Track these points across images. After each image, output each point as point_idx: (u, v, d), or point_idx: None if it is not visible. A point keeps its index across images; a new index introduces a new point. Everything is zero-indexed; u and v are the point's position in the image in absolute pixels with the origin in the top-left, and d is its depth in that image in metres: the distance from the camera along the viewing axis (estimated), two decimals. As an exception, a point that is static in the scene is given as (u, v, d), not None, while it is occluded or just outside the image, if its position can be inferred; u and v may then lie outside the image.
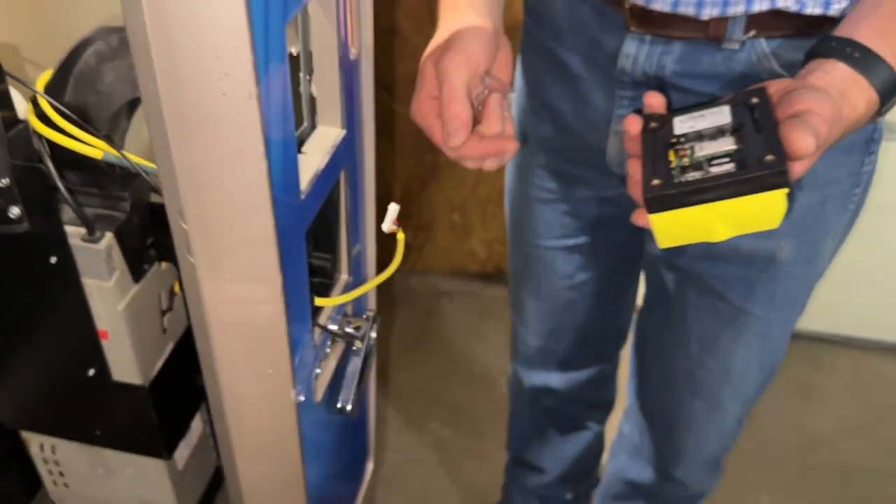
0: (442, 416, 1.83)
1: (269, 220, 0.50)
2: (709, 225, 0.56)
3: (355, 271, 0.75)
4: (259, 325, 0.55)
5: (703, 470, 1.08)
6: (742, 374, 0.89)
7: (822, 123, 0.55)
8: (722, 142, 0.57)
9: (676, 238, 0.57)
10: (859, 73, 0.58)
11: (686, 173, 0.55)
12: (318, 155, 0.61)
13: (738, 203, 0.54)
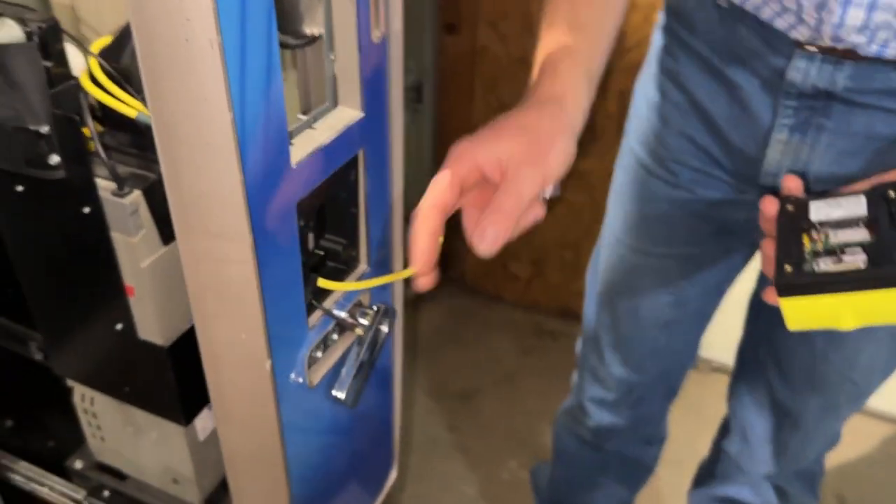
0: (523, 455, 1.79)
1: (237, 177, 0.50)
2: (837, 313, 0.57)
3: (376, 263, 0.74)
4: (231, 286, 0.56)
5: (795, 478, 1.06)
6: (865, 372, 0.89)
7: None
8: (856, 232, 0.59)
9: (804, 322, 0.59)
10: None
11: (818, 258, 0.58)
12: (326, 132, 0.61)
13: (866, 296, 0.55)
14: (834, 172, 0.78)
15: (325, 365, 0.70)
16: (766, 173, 0.81)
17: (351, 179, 0.67)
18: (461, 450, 1.80)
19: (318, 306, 0.67)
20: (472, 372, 1.97)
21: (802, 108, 0.75)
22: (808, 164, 0.78)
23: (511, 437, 1.82)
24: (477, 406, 1.90)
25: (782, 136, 0.77)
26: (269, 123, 0.52)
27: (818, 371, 0.91)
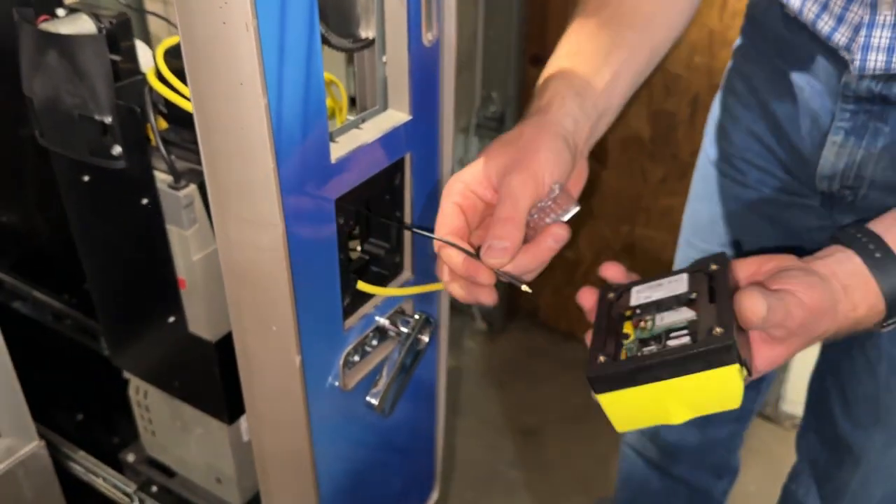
0: (585, 500, 1.72)
1: (270, 163, 0.50)
2: (663, 405, 0.52)
3: (421, 272, 0.73)
4: (262, 274, 0.56)
5: None
6: None
7: (797, 308, 0.52)
8: (680, 312, 0.54)
9: (629, 421, 0.54)
10: (871, 273, 0.55)
11: (645, 347, 0.52)
12: (371, 132, 0.61)
13: (687, 381, 0.50)
14: (889, 179, 0.76)
15: (362, 370, 0.69)
16: (822, 176, 0.80)
17: (396, 184, 0.67)
18: (522, 488, 1.75)
19: (357, 309, 0.67)
20: (539, 408, 1.92)
21: (860, 111, 0.74)
22: (863, 168, 0.77)
23: (574, 479, 1.76)
24: (541, 444, 1.85)
25: (838, 138, 0.76)
26: (308, 114, 0.52)
27: (882, 402, 0.88)
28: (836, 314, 0.54)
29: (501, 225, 0.56)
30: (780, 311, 0.52)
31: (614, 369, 0.51)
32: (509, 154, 0.59)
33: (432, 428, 0.86)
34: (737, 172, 0.90)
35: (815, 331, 0.53)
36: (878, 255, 0.56)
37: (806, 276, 0.54)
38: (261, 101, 0.48)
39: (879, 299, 0.55)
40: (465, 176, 0.60)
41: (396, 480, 0.86)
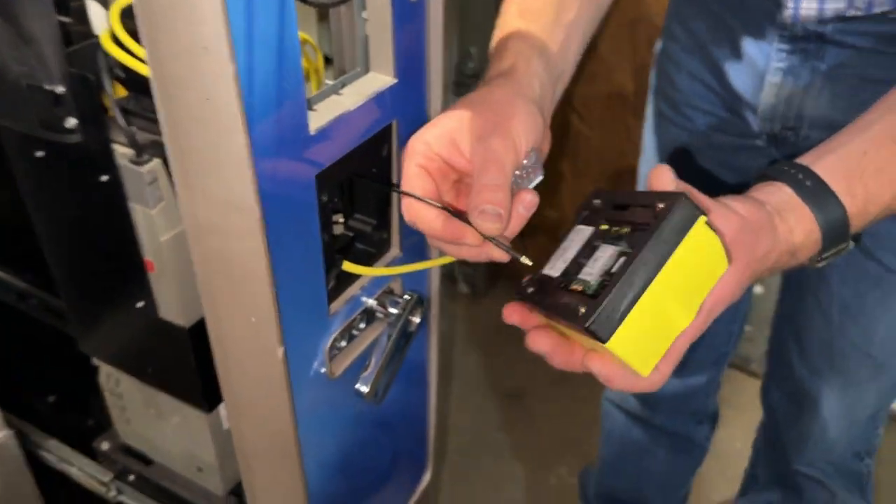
0: (574, 462, 1.71)
1: (241, 138, 0.45)
2: (666, 315, 0.47)
3: (410, 249, 0.68)
4: (238, 262, 0.50)
5: (833, 471, 1.01)
6: (885, 345, 0.86)
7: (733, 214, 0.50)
8: (604, 249, 0.51)
9: (649, 353, 0.48)
10: (804, 202, 0.53)
11: (602, 292, 0.47)
12: (353, 97, 0.55)
13: (670, 268, 0.46)
14: (829, 117, 0.76)
15: (349, 356, 0.65)
16: (763, 118, 0.80)
17: (383, 154, 0.61)
18: (509, 451, 1.73)
19: (342, 292, 0.62)
20: (524, 371, 1.90)
21: (795, 50, 0.75)
22: (802, 108, 0.77)
23: (563, 442, 1.74)
24: (530, 407, 1.83)
25: (776, 79, 0.77)
26: (283, 82, 0.46)
27: (836, 345, 0.89)
28: (774, 233, 0.52)
29: (491, 191, 0.51)
30: (703, 198, 0.49)
31: (600, 308, 0.46)
32: (484, 118, 0.54)
33: (424, 409, 0.82)
34: (684, 119, 0.89)
35: (757, 248, 0.50)
36: (809, 183, 0.54)
37: (735, 196, 0.53)
38: (229, 67, 0.42)
39: (815, 227, 0.54)
40: (428, 137, 0.54)
41: (387, 463, 0.82)
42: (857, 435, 0.98)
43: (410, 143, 0.54)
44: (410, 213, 0.53)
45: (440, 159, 0.54)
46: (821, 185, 0.54)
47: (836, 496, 1.03)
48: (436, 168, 0.54)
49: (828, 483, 1.02)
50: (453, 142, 0.54)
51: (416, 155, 0.54)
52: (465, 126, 0.53)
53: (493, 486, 1.66)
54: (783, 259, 0.54)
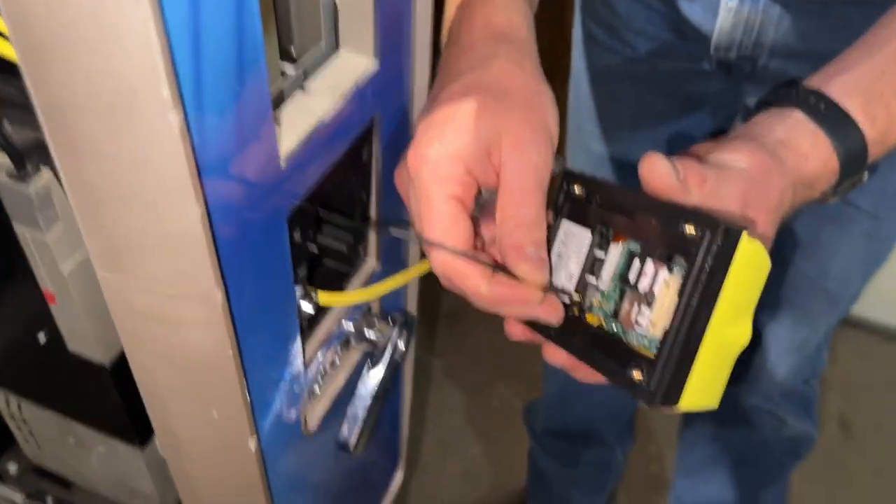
0: (513, 382, 1.67)
1: (195, 210, 0.30)
2: (728, 342, 0.40)
3: (388, 258, 0.54)
4: (193, 354, 0.36)
5: (782, 399, 1.01)
6: (840, 278, 0.83)
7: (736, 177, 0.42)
8: (610, 252, 0.42)
9: (716, 387, 0.42)
10: (819, 128, 0.45)
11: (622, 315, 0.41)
12: (326, 97, 0.40)
13: (724, 299, 0.38)
14: (790, 45, 0.70)
15: (325, 401, 0.52)
16: (717, 46, 0.73)
17: (364, 158, 0.47)
18: (446, 377, 1.67)
19: (315, 330, 0.48)
20: (454, 292, 1.82)
21: None
22: (762, 35, 0.70)
23: (501, 364, 1.69)
24: (465, 330, 1.76)
25: (733, 3, 0.69)
26: (245, 108, 0.31)
27: (789, 281, 0.86)
28: (783, 166, 0.44)
29: (531, 228, 0.40)
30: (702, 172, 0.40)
31: (664, 371, 0.38)
32: (515, 116, 0.41)
33: (398, 415, 0.71)
34: (624, 46, 0.80)
35: (771, 197, 0.43)
36: (823, 107, 0.46)
37: (730, 142, 0.45)
38: (170, 115, 0.27)
39: (832, 154, 0.46)
40: (459, 151, 0.39)
41: (359, 477, 0.71)
42: (807, 364, 0.98)
43: (434, 160, 0.39)
44: (446, 269, 0.40)
45: (475, 185, 0.40)
46: (836, 108, 0.46)
47: (784, 422, 1.03)
48: (470, 197, 0.40)
49: (776, 411, 1.02)
50: (489, 155, 0.40)
51: (449, 181, 0.39)
52: (501, 129, 0.40)
53: (432, 416, 1.60)
54: (801, 192, 0.47)
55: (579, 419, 1.23)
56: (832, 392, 1.56)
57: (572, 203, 0.44)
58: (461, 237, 0.39)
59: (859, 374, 1.67)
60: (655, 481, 1.43)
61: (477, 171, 0.40)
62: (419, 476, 1.47)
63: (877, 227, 0.78)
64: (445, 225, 0.39)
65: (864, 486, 1.46)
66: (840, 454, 1.50)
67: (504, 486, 1.44)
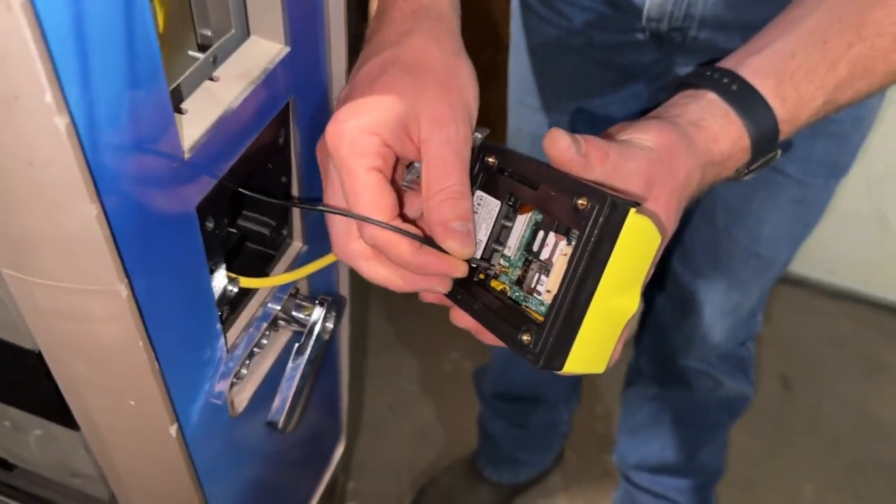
0: (466, 346, 1.69)
1: (90, 209, 0.30)
2: (614, 311, 0.42)
3: (314, 237, 0.55)
4: (104, 346, 0.37)
5: (718, 361, 1.02)
6: (771, 244, 0.85)
7: (639, 151, 0.42)
8: (516, 222, 0.44)
9: (602, 353, 0.43)
10: (731, 108, 0.47)
11: (525, 283, 0.42)
12: (234, 83, 0.40)
13: (611, 271, 0.40)
14: (719, 16, 0.70)
15: (252, 383, 0.53)
16: (649, 18, 0.72)
17: (280, 143, 0.47)
18: (399, 342, 1.68)
19: (239, 314, 0.49)
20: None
21: None
22: (692, 6, 0.70)
23: (453, 329, 1.70)
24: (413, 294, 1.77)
25: None
26: (139, 92, 0.31)
27: (721, 248, 0.87)
28: (692, 148, 0.46)
29: (456, 200, 0.41)
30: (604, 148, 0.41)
31: (549, 335, 0.40)
32: (434, 91, 0.42)
33: (336, 388, 0.72)
34: (559, 17, 0.80)
35: (677, 175, 0.45)
36: (735, 87, 0.47)
37: (642, 122, 0.46)
38: (55, 119, 0.26)
39: (743, 133, 0.47)
40: (375, 125, 0.40)
41: (297, 454, 0.73)
42: (741, 328, 1.00)
43: (350, 135, 0.40)
44: (375, 240, 0.41)
45: (392, 154, 0.41)
46: (748, 88, 0.48)
47: (721, 383, 1.06)
48: (389, 168, 0.41)
49: (713, 372, 1.05)
50: (406, 130, 0.41)
51: (368, 155, 0.40)
52: (418, 106, 0.41)
53: (384, 381, 1.61)
54: (710, 172, 0.48)
55: (525, 382, 1.25)
56: (772, 349, 1.61)
57: (486, 173, 0.45)
58: (387, 207, 0.40)
59: (799, 332, 1.72)
60: (602, 440, 1.47)
61: (395, 144, 0.41)
62: (371, 440, 1.49)
63: (804, 193, 0.79)
64: (370, 196, 0.40)
65: (804, 439, 1.51)
66: (780, 410, 1.55)
67: (455, 449, 1.47)
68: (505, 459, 1.33)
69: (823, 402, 1.56)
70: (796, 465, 1.45)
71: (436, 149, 0.41)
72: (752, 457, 1.45)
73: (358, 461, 1.43)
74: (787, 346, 1.70)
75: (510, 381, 1.26)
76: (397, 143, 0.41)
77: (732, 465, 1.29)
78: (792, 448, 1.48)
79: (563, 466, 1.44)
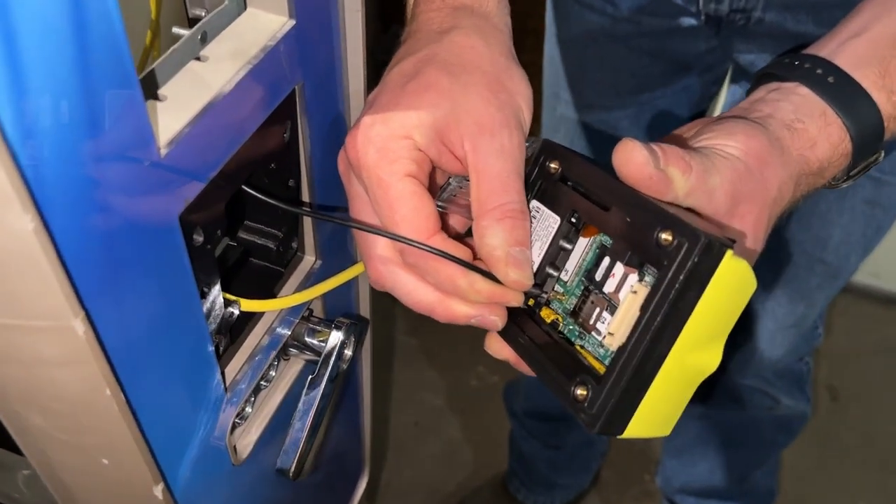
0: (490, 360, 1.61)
1: (24, 223, 0.22)
2: (690, 370, 0.35)
3: (329, 250, 0.47)
4: (63, 399, 0.29)
5: (776, 378, 0.95)
6: (840, 249, 0.77)
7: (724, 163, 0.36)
8: (578, 245, 0.37)
9: (669, 416, 0.36)
10: (829, 105, 0.40)
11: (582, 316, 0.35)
12: (226, 65, 0.32)
13: (694, 322, 0.32)
14: None
15: (258, 422, 0.45)
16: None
17: (286, 139, 0.39)
18: (422, 355, 1.61)
19: (241, 343, 0.41)
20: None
21: None
22: None
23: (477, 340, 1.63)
24: (438, 305, 1.70)
25: None
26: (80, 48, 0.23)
27: (784, 255, 0.80)
28: (785, 156, 0.39)
29: (515, 221, 0.35)
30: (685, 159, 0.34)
31: (610, 395, 0.32)
32: (479, 94, 0.36)
33: (358, 417, 0.64)
34: (604, 2, 0.73)
35: (768, 187, 0.38)
36: (832, 79, 0.40)
37: (724, 123, 0.39)
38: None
39: (844, 136, 0.40)
40: (406, 128, 0.34)
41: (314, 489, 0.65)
42: (802, 342, 0.93)
43: (378, 142, 0.34)
44: (417, 259, 0.35)
45: (429, 164, 0.35)
46: (846, 80, 0.41)
47: (778, 401, 0.99)
48: (426, 177, 0.35)
49: (769, 390, 0.98)
50: (443, 136, 0.35)
51: (400, 160, 0.34)
52: (459, 109, 0.34)
53: (410, 396, 1.54)
54: (806, 183, 0.41)
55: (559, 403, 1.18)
56: (818, 358, 1.52)
57: (546, 180, 0.38)
58: (428, 218, 0.34)
59: (845, 340, 1.63)
60: (641, 458, 1.39)
61: (430, 151, 0.35)
62: (397, 459, 1.42)
63: (878, 192, 0.72)
64: (408, 207, 0.34)
65: (855, 454, 1.42)
66: (828, 423, 1.47)
67: (484, 469, 1.39)
68: (539, 482, 1.25)
69: (874, 415, 1.48)
70: (848, 482, 1.37)
71: (486, 158, 0.34)
72: (799, 473, 1.36)
73: (384, 481, 1.37)
74: (833, 356, 1.61)
75: (544, 400, 1.19)
76: (433, 149, 0.35)
77: (779, 481, 1.21)
78: (842, 464, 1.40)
79: (600, 487, 1.36)
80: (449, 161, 0.35)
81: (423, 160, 0.35)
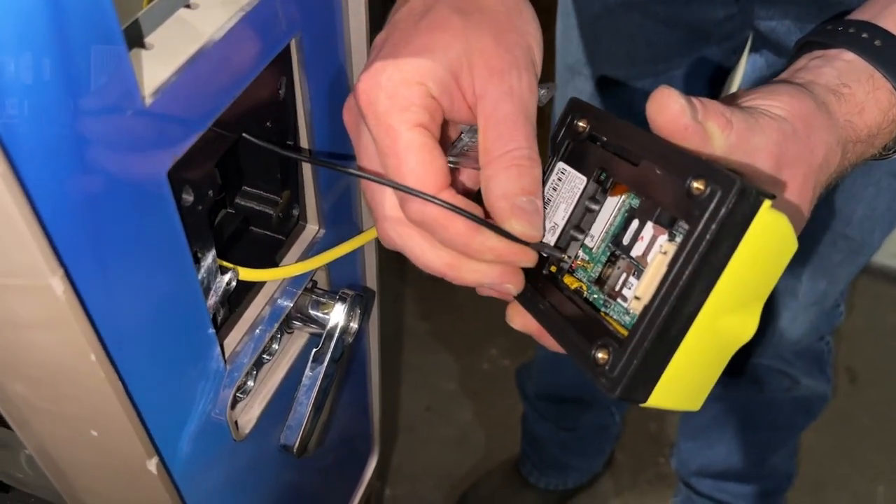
0: (503, 342, 1.60)
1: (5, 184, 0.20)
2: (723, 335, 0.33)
3: (333, 219, 0.45)
4: (44, 365, 0.27)
5: (795, 358, 0.93)
6: (864, 224, 0.75)
7: (770, 123, 0.34)
8: (606, 204, 0.34)
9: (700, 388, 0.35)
10: (877, 68, 0.38)
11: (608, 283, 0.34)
12: (218, 11, 0.30)
13: (726, 280, 0.30)
14: None
15: (261, 397, 0.43)
16: None
17: (281, 95, 0.37)
18: (434, 339, 1.59)
19: (241, 314, 0.39)
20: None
21: None
22: None
23: (490, 325, 1.61)
24: (450, 290, 1.68)
25: None
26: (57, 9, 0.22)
27: (806, 230, 0.77)
28: (832, 121, 0.37)
29: (522, 169, 0.33)
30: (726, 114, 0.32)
31: (632, 357, 0.30)
32: (491, 37, 0.34)
33: (366, 398, 0.63)
34: None
35: (815, 151, 0.36)
36: (878, 42, 0.38)
37: (768, 86, 0.37)
38: None
39: (893, 99, 0.38)
40: (418, 72, 0.33)
41: (326, 469, 0.63)
42: (823, 320, 0.91)
43: (389, 87, 0.32)
44: (417, 213, 0.33)
45: (441, 113, 0.33)
46: (894, 42, 0.39)
47: (797, 382, 0.96)
48: (437, 126, 0.33)
49: (789, 370, 0.95)
50: (457, 80, 0.33)
51: (411, 108, 0.32)
52: (471, 51, 0.33)
53: (422, 381, 1.53)
54: (854, 151, 0.39)
55: (572, 383, 1.16)
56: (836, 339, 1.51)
57: (574, 140, 0.36)
58: (437, 172, 0.32)
59: (863, 320, 1.60)
60: (656, 441, 1.37)
61: (443, 99, 0.33)
62: (409, 442, 1.41)
63: None
64: (416, 159, 0.32)
65: (874, 437, 1.40)
66: (847, 405, 1.44)
67: (497, 452, 1.38)
68: (552, 464, 1.23)
69: (893, 397, 1.45)
70: (867, 465, 1.34)
71: (495, 102, 0.33)
72: (818, 456, 1.34)
73: (395, 465, 1.35)
74: (852, 337, 1.58)
75: (556, 381, 1.17)
76: (446, 97, 0.33)
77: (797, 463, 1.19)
78: (861, 447, 1.37)
79: (613, 470, 1.34)
80: (461, 109, 0.34)
81: (436, 109, 0.33)
